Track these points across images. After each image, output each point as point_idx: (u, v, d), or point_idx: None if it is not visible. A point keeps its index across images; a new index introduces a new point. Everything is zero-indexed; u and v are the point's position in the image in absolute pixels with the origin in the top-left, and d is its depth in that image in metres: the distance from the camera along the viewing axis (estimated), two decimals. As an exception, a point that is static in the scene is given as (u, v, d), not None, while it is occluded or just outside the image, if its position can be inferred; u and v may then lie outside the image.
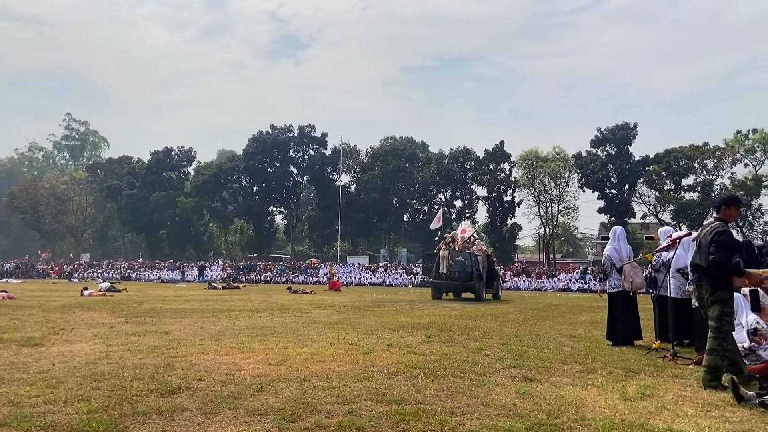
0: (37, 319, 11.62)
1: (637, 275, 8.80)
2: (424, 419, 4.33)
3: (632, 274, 8.77)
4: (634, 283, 8.76)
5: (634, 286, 8.78)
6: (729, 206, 5.93)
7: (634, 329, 8.90)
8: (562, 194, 56.40)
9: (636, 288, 8.82)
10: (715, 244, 5.59)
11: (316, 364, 6.52)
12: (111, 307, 14.76)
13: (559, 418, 4.47)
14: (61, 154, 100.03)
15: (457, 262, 20.50)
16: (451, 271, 20.44)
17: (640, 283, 8.80)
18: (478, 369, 6.42)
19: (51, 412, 4.39)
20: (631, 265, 8.89)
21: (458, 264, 20.45)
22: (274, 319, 12.13)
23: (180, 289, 28.19)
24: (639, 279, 8.80)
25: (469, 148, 59.71)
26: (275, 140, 62.16)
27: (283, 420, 4.27)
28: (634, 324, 8.90)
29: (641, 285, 8.87)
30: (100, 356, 6.98)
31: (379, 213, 61.31)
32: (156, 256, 61.11)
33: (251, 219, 64.34)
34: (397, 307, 16.37)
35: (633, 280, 8.74)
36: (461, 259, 20.59)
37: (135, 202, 63.44)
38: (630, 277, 8.76)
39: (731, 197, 6.16)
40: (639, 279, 8.80)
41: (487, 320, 12.61)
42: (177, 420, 4.27)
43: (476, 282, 20.63)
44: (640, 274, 8.88)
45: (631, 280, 8.74)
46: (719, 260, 5.56)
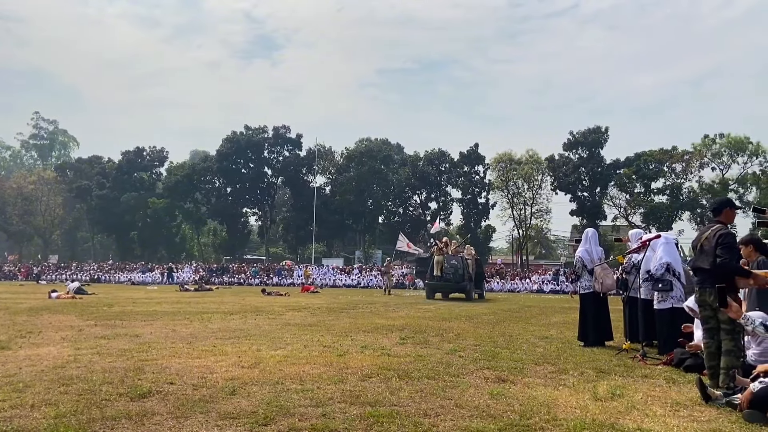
0: (3, 322, 11.35)
1: (607, 277, 8.92)
2: (398, 421, 4.34)
3: (603, 275, 8.89)
4: (604, 285, 8.87)
5: (604, 287, 8.89)
6: (730, 209, 6.01)
7: (605, 330, 9.02)
8: (535, 197, 56.98)
9: (606, 289, 8.94)
10: (721, 246, 5.60)
11: (290, 367, 6.49)
12: (80, 310, 14.48)
13: (531, 418, 4.52)
14: (29, 154, 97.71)
15: (451, 266, 22.32)
16: (446, 274, 22.26)
17: (610, 284, 8.92)
18: (451, 370, 6.45)
19: (18, 417, 4.30)
20: (602, 266, 9.02)
21: (452, 267, 22.29)
22: (247, 322, 12.03)
23: (151, 292, 27.77)
24: (610, 281, 8.91)
25: (444, 151, 60.05)
26: (249, 141, 61.65)
27: (256, 423, 4.24)
28: (604, 325, 9.03)
29: (612, 286, 8.99)
30: (68, 360, 6.85)
31: (354, 215, 61.21)
32: (127, 257, 60.06)
33: (225, 220, 63.66)
34: (372, 309, 16.37)
35: (603, 281, 8.85)
36: (455, 263, 22.42)
37: (105, 203, 62.26)
38: (600, 279, 8.87)
39: (729, 200, 6.27)
40: (610, 281, 8.91)
41: (461, 322, 12.68)
42: (147, 424, 4.21)
43: (467, 283, 22.42)
44: (611, 276, 9.01)
45: (602, 281, 8.86)
46: (726, 262, 5.57)
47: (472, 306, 18.72)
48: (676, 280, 8.02)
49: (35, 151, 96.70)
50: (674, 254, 8.27)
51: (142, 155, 66.84)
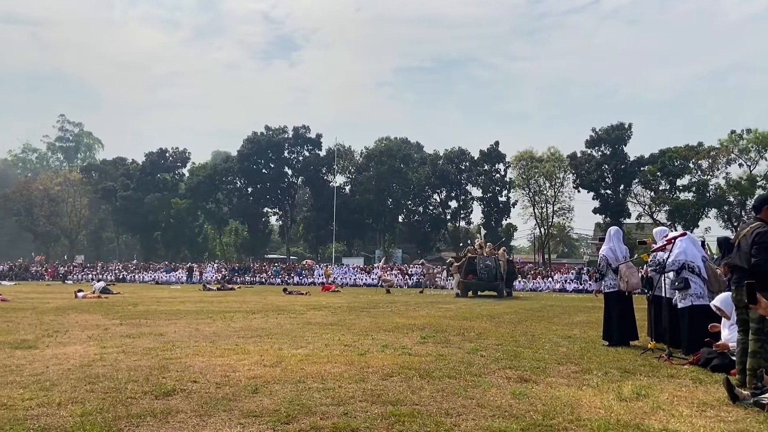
0: (30, 321, 11.57)
1: (632, 275, 8.80)
2: (420, 420, 4.33)
3: (628, 274, 8.78)
4: (629, 283, 8.76)
5: (629, 286, 8.78)
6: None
7: (630, 329, 8.91)
8: (557, 195, 56.44)
9: (632, 288, 8.82)
10: (756, 246, 5.45)
11: (311, 366, 6.51)
12: (105, 309, 14.71)
13: (554, 418, 4.47)
14: (55, 156, 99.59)
15: (486, 266, 24.21)
16: (480, 273, 24.13)
17: (636, 283, 8.80)
18: (473, 370, 6.42)
19: (45, 415, 4.37)
20: (627, 265, 8.90)
21: (486, 267, 24.19)
22: (269, 321, 12.11)
23: (175, 291, 28.11)
24: (635, 279, 8.80)
25: (463, 149, 59.82)
26: (270, 141, 62.06)
27: (278, 422, 4.26)
28: (629, 324, 8.91)
29: (637, 285, 8.86)
30: (94, 358, 6.95)
31: (374, 214, 61.27)
32: (150, 257, 60.86)
33: (246, 220, 64.18)
34: (393, 308, 16.36)
35: (629, 280, 8.74)
36: (489, 263, 24.36)
37: (129, 204, 63.19)
38: (626, 277, 8.76)
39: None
40: (635, 279, 8.80)
41: (483, 321, 12.62)
42: (171, 422, 4.26)
43: (499, 282, 24.37)
44: (635, 275, 8.88)
45: (627, 280, 8.75)
46: (760, 262, 5.42)
47: (494, 305, 18.62)
48: (696, 277, 7.89)
49: (61, 153, 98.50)
50: (692, 251, 8.13)
51: (165, 156, 67.72)
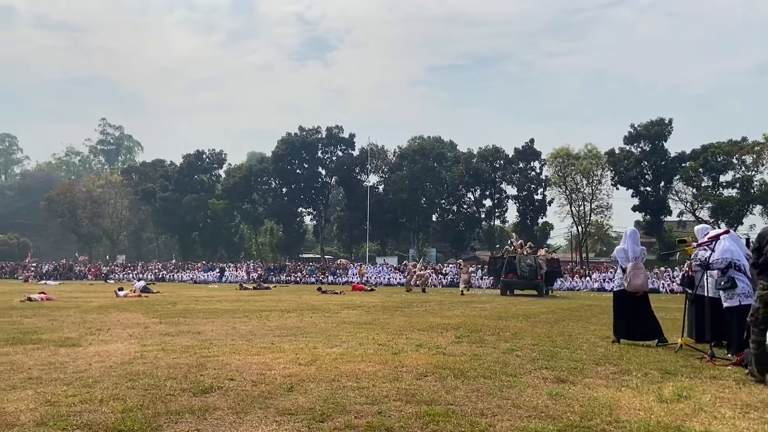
0: (74, 319, 11.90)
1: (636, 276, 8.76)
2: (454, 420, 4.30)
3: (632, 274, 8.76)
4: (631, 284, 8.74)
5: (630, 286, 8.75)
6: None
7: (637, 329, 8.83)
8: (594, 192, 55.52)
9: (633, 289, 8.77)
10: None
11: (346, 365, 6.53)
12: (145, 308, 15.04)
13: (592, 420, 4.40)
14: (97, 159, 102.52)
15: (527, 265, 24.77)
16: (522, 272, 24.67)
17: (639, 284, 8.76)
18: (508, 370, 6.36)
19: (87, 411, 4.49)
20: (635, 265, 8.84)
21: (527, 266, 24.76)
22: (303, 320, 12.21)
23: (212, 290, 28.58)
24: (638, 280, 8.76)
25: (498, 147, 59.23)
26: (304, 142, 62.59)
27: (313, 420, 4.29)
28: (637, 323, 8.82)
29: (640, 286, 8.80)
30: (135, 356, 7.11)
31: (408, 213, 61.22)
32: (189, 257, 62.08)
33: (281, 220, 64.89)
34: (427, 308, 16.31)
35: (631, 280, 8.74)
36: (530, 263, 24.90)
37: (168, 205, 64.57)
38: (628, 277, 8.76)
39: None
40: (638, 280, 8.76)
41: (519, 321, 12.48)
42: (209, 419, 4.32)
43: (540, 281, 24.77)
44: (640, 276, 8.82)
45: (629, 280, 8.75)
46: None
47: (530, 305, 18.41)
48: (742, 275, 7.67)
49: (103, 156, 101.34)
50: (737, 250, 7.90)
51: (202, 158, 68.96)
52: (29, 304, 16.29)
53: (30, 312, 13.59)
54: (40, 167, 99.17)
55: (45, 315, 12.82)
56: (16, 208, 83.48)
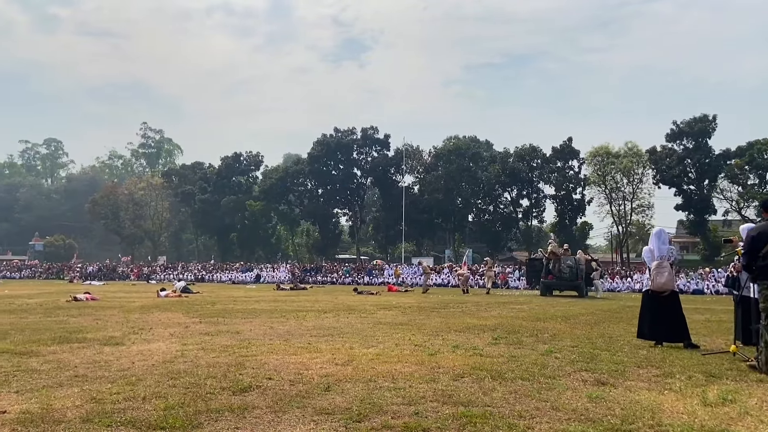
0: (118, 319, 12.22)
1: (659, 275, 8.73)
2: (492, 422, 4.27)
3: (655, 273, 8.77)
4: (655, 282, 8.75)
5: (654, 284, 8.76)
6: None
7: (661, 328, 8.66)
8: (635, 191, 54.36)
9: (657, 287, 8.74)
10: None
11: (382, 365, 6.54)
12: (186, 308, 15.34)
13: (633, 423, 4.31)
14: (139, 162, 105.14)
15: (567, 266, 24.88)
16: (563, 273, 24.82)
17: (662, 283, 8.70)
18: (547, 372, 6.27)
19: (130, 409, 4.60)
20: (659, 264, 8.77)
21: (568, 267, 24.88)
22: (340, 320, 12.27)
23: (250, 291, 28.99)
24: (662, 279, 8.71)
25: (535, 146, 58.45)
26: (339, 143, 62.94)
27: (350, 420, 4.31)
28: (660, 324, 8.67)
29: (663, 285, 8.70)
30: (176, 355, 7.26)
31: (443, 213, 60.96)
32: (227, 258, 63.09)
33: (317, 221, 65.39)
34: (463, 309, 16.21)
35: (654, 279, 8.75)
36: (570, 264, 25.00)
37: (207, 206, 65.77)
38: (653, 277, 8.78)
39: None
40: (662, 279, 8.71)
41: (557, 322, 12.29)
42: (248, 417, 4.38)
43: (580, 282, 24.75)
44: (664, 274, 8.74)
45: (653, 279, 8.77)
46: None
47: (569, 306, 18.12)
48: None
49: (144, 159, 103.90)
50: None
51: (240, 160, 70.02)
52: (75, 304, 16.79)
53: (76, 311, 14.01)
54: (84, 171, 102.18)
55: (90, 314, 13.19)
56: (62, 210, 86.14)
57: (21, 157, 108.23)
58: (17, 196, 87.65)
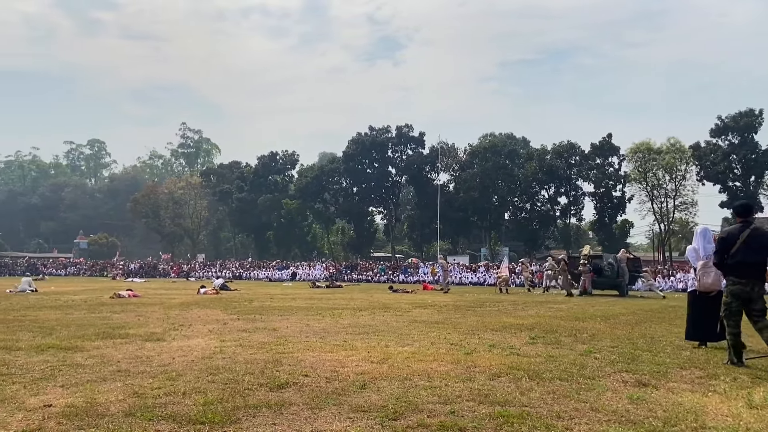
0: (158, 315, 12.49)
1: (706, 275, 8.42)
2: (529, 422, 4.21)
3: (701, 273, 8.49)
4: (701, 283, 8.49)
5: (701, 285, 8.50)
6: None
7: (706, 329, 8.42)
8: (678, 188, 52.98)
9: (703, 288, 8.47)
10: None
11: (418, 363, 6.52)
12: (224, 305, 15.59)
13: (676, 425, 4.21)
14: (178, 161, 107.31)
15: (608, 264, 24.71)
16: (605, 272, 24.55)
17: (708, 283, 8.41)
18: (586, 372, 6.16)
19: (171, 403, 4.69)
20: (705, 264, 8.46)
21: (609, 266, 24.66)
22: (375, 318, 12.30)
23: (286, 288, 29.30)
24: (708, 279, 8.41)
25: (573, 143, 57.47)
26: (374, 141, 63.04)
27: (386, 418, 4.31)
28: (706, 324, 8.41)
29: (710, 285, 8.40)
30: (214, 351, 7.38)
31: (479, 211, 60.50)
32: (264, 256, 63.91)
33: (352, 219, 65.68)
34: (500, 307, 16.06)
35: (701, 279, 8.50)
36: (611, 262, 24.82)
37: (244, 205, 66.73)
38: (698, 277, 8.54)
39: None
40: (708, 279, 8.41)
41: (596, 322, 12.07)
42: (285, 414, 4.43)
43: (621, 280, 24.33)
44: (710, 274, 8.41)
45: (699, 279, 8.53)
46: None
47: (609, 305, 17.77)
48: None
49: (183, 158, 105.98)
50: None
51: (276, 159, 70.82)
52: (117, 301, 17.24)
53: (118, 308, 14.39)
54: (126, 170, 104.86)
55: (132, 311, 13.53)
56: (105, 209, 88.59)
57: (66, 157, 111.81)
58: (62, 196, 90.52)
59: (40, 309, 13.93)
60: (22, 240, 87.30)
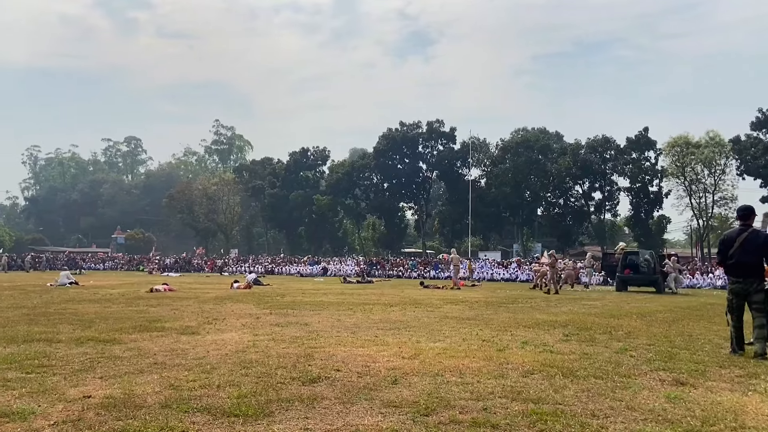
0: (193, 309, 12.71)
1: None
2: (563, 420, 4.16)
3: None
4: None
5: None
6: None
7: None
8: (717, 183, 51.58)
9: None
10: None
11: (449, 359, 6.50)
12: (257, 300, 15.78)
13: (714, 425, 4.11)
14: (212, 158, 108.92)
15: (645, 260, 24.36)
16: (641, 268, 24.25)
17: None
18: (622, 370, 6.05)
19: (206, 396, 4.77)
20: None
21: (645, 262, 24.37)
22: (406, 314, 12.29)
23: (318, 283, 29.50)
24: None
25: (608, 137, 56.40)
26: (404, 137, 62.91)
27: (418, 413, 4.30)
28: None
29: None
30: (248, 345, 7.48)
31: (511, 207, 59.92)
32: (295, 251, 64.46)
33: (383, 215, 65.74)
34: (532, 304, 15.90)
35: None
36: (648, 258, 24.54)
37: (276, 201, 67.37)
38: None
39: None
40: None
41: (632, 319, 11.85)
42: (317, 408, 4.46)
43: (659, 277, 23.90)
44: None
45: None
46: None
47: (645, 302, 17.44)
48: None
49: (216, 155, 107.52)
50: None
51: (307, 155, 71.31)
52: (153, 294, 17.60)
53: (155, 302, 14.69)
54: (161, 167, 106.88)
55: (168, 305, 13.79)
56: (141, 205, 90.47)
57: (104, 154, 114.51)
58: (101, 192, 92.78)
59: (80, 302, 14.31)
60: (63, 235, 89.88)
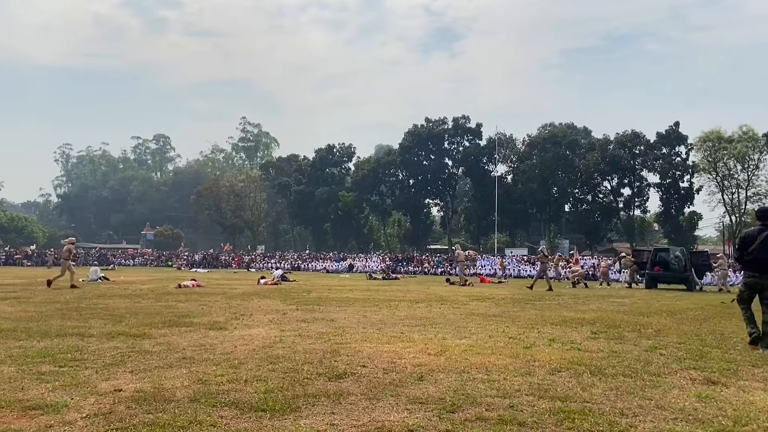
0: (221, 305, 12.85)
1: None
2: (591, 419, 4.11)
3: None
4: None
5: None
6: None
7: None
8: (750, 178, 50.43)
9: None
10: None
11: (475, 356, 6.47)
12: (283, 296, 15.90)
13: (747, 425, 4.03)
14: (238, 155, 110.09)
15: (675, 257, 24.14)
16: (671, 265, 24.02)
17: None
18: (651, 369, 5.96)
19: (234, 390, 4.83)
20: None
21: (676, 258, 24.14)
22: (432, 310, 12.27)
23: (344, 280, 29.61)
24: None
25: (637, 132, 55.55)
26: (430, 133, 62.76)
27: (444, 410, 4.30)
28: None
29: None
30: (275, 340, 7.54)
31: (538, 203, 59.39)
32: (321, 247, 64.84)
33: (408, 211, 65.71)
34: (560, 301, 15.73)
35: None
36: (678, 255, 24.32)
37: (302, 198, 67.84)
38: None
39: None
40: None
41: (662, 317, 11.65)
42: (344, 404, 4.48)
43: (689, 273, 23.80)
44: None
45: None
46: None
47: (675, 300, 17.14)
48: None
49: (243, 152, 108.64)
50: None
51: (333, 152, 71.62)
52: (182, 290, 17.84)
53: (183, 297, 14.90)
54: (189, 164, 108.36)
55: (196, 300, 13.97)
56: (170, 202, 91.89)
57: (133, 152, 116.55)
58: (130, 189, 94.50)
59: (111, 298, 14.59)
60: (94, 231, 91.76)
